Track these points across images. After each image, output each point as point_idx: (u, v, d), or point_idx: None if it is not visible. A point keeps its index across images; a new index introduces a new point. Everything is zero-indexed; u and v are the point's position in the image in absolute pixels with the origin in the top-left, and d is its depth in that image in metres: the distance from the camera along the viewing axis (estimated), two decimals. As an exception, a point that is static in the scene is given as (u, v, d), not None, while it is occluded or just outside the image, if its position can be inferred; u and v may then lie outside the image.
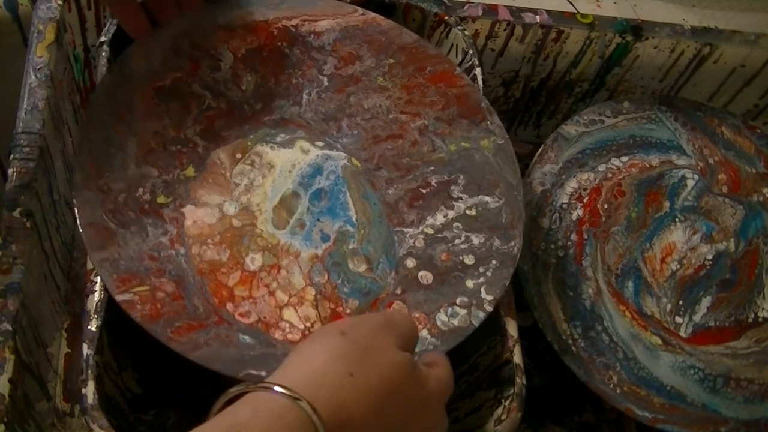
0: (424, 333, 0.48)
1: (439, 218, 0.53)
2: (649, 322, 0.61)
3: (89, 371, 0.43)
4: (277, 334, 0.47)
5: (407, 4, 0.61)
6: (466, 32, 0.61)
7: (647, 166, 0.67)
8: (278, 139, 0.54)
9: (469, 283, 0.50)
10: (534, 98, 0.73)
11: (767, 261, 0.65)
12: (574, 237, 0.63)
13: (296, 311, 0.49)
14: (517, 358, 0.50)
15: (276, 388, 0.35)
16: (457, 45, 0.61)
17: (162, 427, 0.51)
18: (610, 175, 0.66)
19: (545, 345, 0.58)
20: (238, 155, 0.53)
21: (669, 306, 0.62)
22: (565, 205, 0.64)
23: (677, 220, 0.65)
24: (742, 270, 0.64)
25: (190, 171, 0.52)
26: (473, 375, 0.54)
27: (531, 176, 0.64)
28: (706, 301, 0.63)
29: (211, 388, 0.39)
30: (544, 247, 0.61)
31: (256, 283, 0.49)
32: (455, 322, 0.48)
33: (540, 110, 0.74)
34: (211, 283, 0.48)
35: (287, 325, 0.48)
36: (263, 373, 0.43)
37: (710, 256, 0.64)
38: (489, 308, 0.49)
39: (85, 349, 0.44)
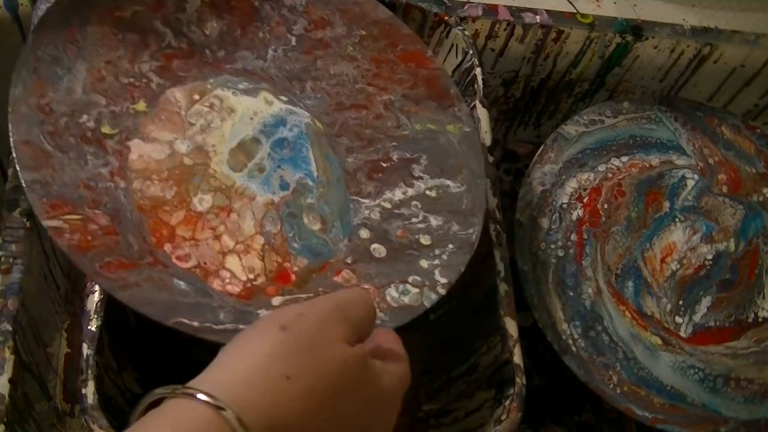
0: None
1: (398, 194, 0.52)
2: (649, 322, 0.61)
3: (89, 371, 0.43)
4: (216, 284, 0.45)
5: (407, 4, 0.61)
6: (466, 32, 0.61)
7: (647, 166, 0.67)
8: (241, 87, 0.53)
9: (424, 263, 0.49)
10: (534, 98, 0.73)
11: (767, 261, 0.65)
12: (574, 237, 0.63)
13: (240, 260, 0.47)
14: (517, 358, 0.50)
15: (200, 395, 0.32)
16: (457, 45, 0.61)
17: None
18: (610, 175, 0.66)
19: (545, 345, 0.58)
20: (196, 96, 0.52)
21: (669, 306, 0.62)
22: (565, 205, 0.64)
23: (677, 220, 0.65)
24: (742, 270, 0.64)
25: (141, 106, 0.50)
26: (473, 375, 0.54)
27: (531, 176, 0.64)
28: (706, 301, 0.63)
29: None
30: (544, 247, 0.61)
31: (201, 225, 0.47)
32: (406, 299, 0.47)
33: (540, 110, 0.74)
34: (151, 221, 0.46)
35: (228, 275, 0.46)
36: (195, 323, 0.41)
37: (710, 256, 0.64)
38: (442, 291, 0.47)
39: (85, 349, 0.44)
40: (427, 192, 0.52)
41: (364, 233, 0.50)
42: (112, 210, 0.45)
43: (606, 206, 0.64)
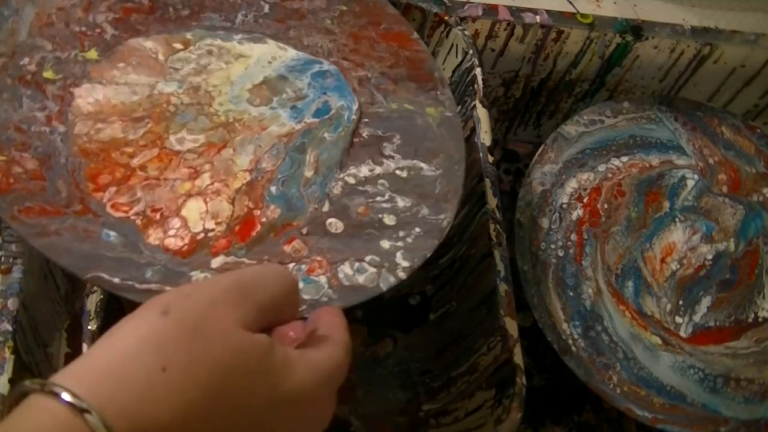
0: (322, 280, 0.43)
1: (364, 170, 0.48)
2: (649, 322, 0.61)
3: (89, 371, 0.43)
4: (153, 236, 0.42)
5: (407, 4, 0.61)
6: (466, 32, 0.61)
7: (647, 166, 0.67)
8: (238, 36, 0.51)
9: (385, 244, 0.45)
10: (534, 98, 0.73)
11: (767, 261, 0.65)
12: (574, 237, 0.62)
13: (206, 204, 0.44)
14: (517, 358, 0.50)
15: (63, 395, 0.28)
16: (457, 45, 0.61)
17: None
18: (610, 175, 0.66)
19: (545, 345, 0.58)
20: (178, 45, 0.50)
21: (669, 306, 0.62)
22: (565, 205, 0.64)
23: (677, 220, 0.65)
24: (742, 270, 0.64)
25: (92, 54, 0.48)
26: (473, 375, 0.54)
27: (531, 176, 0.64)
28: (706, 301, 0.63)
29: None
30: (544, 247, 0.61)
31: (177, 163, 0.45)
32: (360, 279, 0.43)
33: (540, 110, 0.74)
34: (96, 165, 0.44)
35: (178, 224, 0.43)
36: (116, 280, 0.39)
37: (710, 256, 0.64)
38: (402, 275, 0.44)
39: (85, 349, 0.44)
40: (397, 172, 0.49)
41: (324, 206, 0.47)
42: (43, 154, 0.43)
43: (606, 206, 0.64)
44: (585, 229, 0.63)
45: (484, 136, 0.57)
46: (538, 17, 0.65)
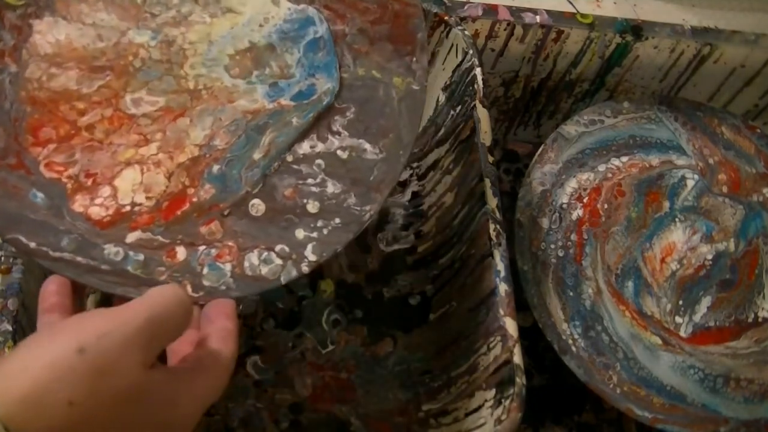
0: (227, 268, 0.43)
1: (305, 147, 0.46)
2: (649, 322, 0.61)
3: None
4: (79, 203, 0.41)
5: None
6: (466, 32, 0.61)
7: (647, 166, 0.67)
8: None
9: (299, 234, 0.44)
10: (534, 98, 0.73)
11: (767, 261, 0.65)
12: (574, 237, 0.62)
13: (141, 175, 0.42)
14: (517, 358, 0.50)
15: None
16: (457, 45, 0.61)
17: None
18: (610, 175, 0.66)
19: (545, 345, 0.58)
20: None
21: (669, 306, 0.62)
22: (565, 205, 0.64)
23: (677, 220, 0.65)
24: (742, 270, 0.64)
25: None
26: (473, 375, 0.54)
27: (531, 176, 0.64)
28: (706, 301, 0.63)
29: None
30: (544, 247, 0.61)
31: (127, 129, 0.43)
32: (263, 270, 0.43)
33: (540, 110, 0.74)
34: (40, 117, 0.42)
35: (107, 192, 0.42)
36: (32, 244, 0.39)
37: (710, 256, 0.64)
38: (305, 269, 0.44)
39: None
40: (338, 152, 0.47)
41: (256, 188, 0.46)
42: None
43: (606, 206, 0.64)
44: (585, 229, 0.63)
45: (484, 136, 0.57)
46: (538, 17, 0.65)
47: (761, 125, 0.73)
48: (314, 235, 0.44)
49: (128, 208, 0.42)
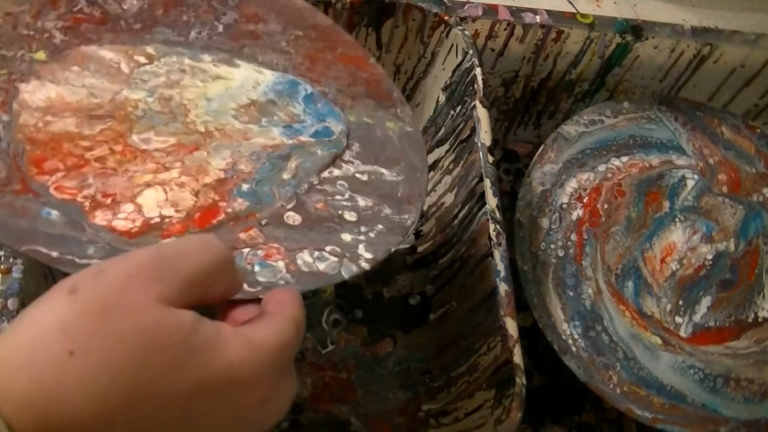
0: (280, 265, 0.41)
1: (324, 174, 0.47)
2: (649, 322, 0.61)
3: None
4: (100, 217, 0.40)
5: (407, 4, 0.61)
6: (466, 32, 0.61)
7: (647, 166, 0.67)
8: (208, 58, 0.49)
9: (346, 237, 0.44)
10: (534, 98, 0.73)
11: (767, 261, 0.65)
12: (574, 237, 0.62)
13: (165, 193, 0.42)
14: (517, 358, 0.50)
15: None
16: (457, 45, 0.61)
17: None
18: (610, 175, 0.66)
19: (545, 345, 0.58)
20: (141, 59, 0.48)
21: (669, 306, 0.62)
22: (565, 205, 0.64)
23: (677, 220, 0.65)
24: (742, 270, 0.64)
25: (41, 55, 0.46)
26: (473, 375, 0.54)
27: (531, 176, 0.64)
28: (706, 301, 0.63)
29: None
30: (544, 247, 0.61)
31: (142, 160, 0.43)
32: (321, 266, 0.42)
33: (540, 110, 0.74)
34: (43, 152, 0.41)
35: (130, 209, 0.41)
36: (54, 254, 0.37)
37: (710, 256, 0.64)
38: (365, 265, 0.43)
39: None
40: (357, 175, 0.47)
41: (290, 204, 0.45)
42: None
43: (606, 206, 0.64)
44: (585, 229, 0.63)
45: (484, 136, 0.57)
46: (538, 17, 0.65)
47: (761, 125, 0.73)
48: (362, 237, 0.44)
49: (157, 219, 0.41)
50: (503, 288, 0.52)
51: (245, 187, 0.44)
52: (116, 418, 0.26)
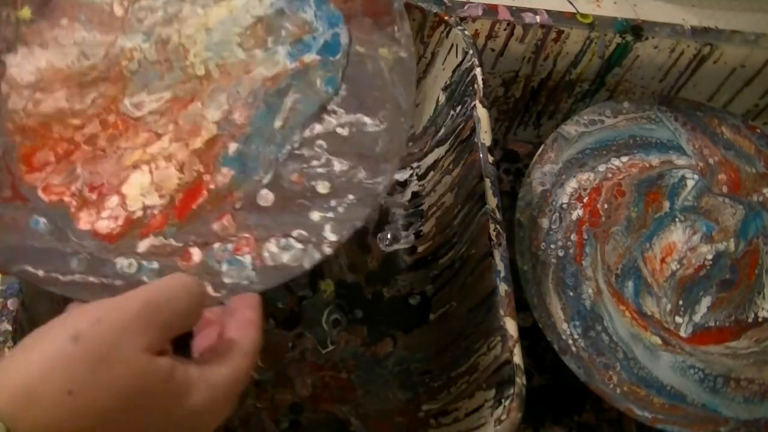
0: (246, 260, 0.42)
1: (305, 132, 0.46)
2: (649, 322, 0.61)
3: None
4: (84, 220, 0.40)
5: (407, 4, 0.61)
6: (466, 32, 0.61)
7: (647, 166, 0.67)
8: None
9: (315, 216, 0.43)
10: (534, 98, 0.73)
11: (767, 261, 0.65)
12: (574, 237, 0.63)
13: (151, 175, 0.42)
14: (517, 358, 0.50)
15: None
16: (457, 45, 0.61)
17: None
18: (610, 175, 0.66)
19: (545, 345, 0.58)
20: None
21: (669, 306, 0.62)
22: (565, 205, 0.64)
23: (677, 220, 0.65)
24: (742, 270, 0.64)
25: (26, 13, 0.43)
26: (473, 375, 0.54)
27: (531, 176, 0.64)
28: (706, 301, 0.63)
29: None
30: (544, 247, 0.61)
31: (134, 131, 0.42)
32: (285, 257, 0.42)
33: (540, 110, 0.74)
34: (33, 143, 0.41)
35: (114, 202, 0.41)
36: (40, 273, 0.38)
37: (710, 256, 0.64)
38: (328, 250, 0.43)
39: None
40: (338, 130, 0.46)
41: (266, 178, 0.45)
42: None
43: (606, 206, 0.64)
44: (585, 229, 0.63)
45: (484, 136, 0.57)
46: (538, 17, 0.65)
47: (761, 125, 0.73)
48: (330, 215, 0.44)
49: (139, 213, 0.41)
50: (503, 288, 0.52)
51: (232, 149, 0.43)
52: None
